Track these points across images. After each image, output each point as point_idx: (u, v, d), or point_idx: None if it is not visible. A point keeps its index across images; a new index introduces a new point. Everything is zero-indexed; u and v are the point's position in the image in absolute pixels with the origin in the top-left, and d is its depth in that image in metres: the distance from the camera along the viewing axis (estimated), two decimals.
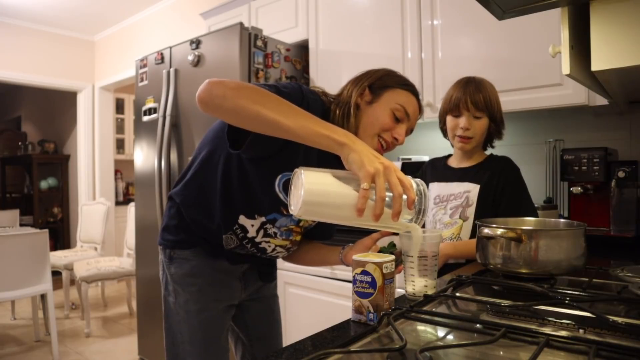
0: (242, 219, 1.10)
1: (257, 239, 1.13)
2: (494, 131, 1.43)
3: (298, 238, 1.19)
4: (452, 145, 1.49)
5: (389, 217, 0.79)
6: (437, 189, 1.49)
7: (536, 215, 1.34)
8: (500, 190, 1.37)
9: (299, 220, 1.14)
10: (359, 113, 1.08)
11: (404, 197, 0.78)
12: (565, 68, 0.92)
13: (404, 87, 1.11)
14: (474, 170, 1.43)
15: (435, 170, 1.54)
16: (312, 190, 0.77)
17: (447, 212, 1.43)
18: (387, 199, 0.77)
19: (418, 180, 0.86)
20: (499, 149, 1.51)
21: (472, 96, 1.37)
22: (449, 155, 1.55)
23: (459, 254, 1.33)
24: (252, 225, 1.11)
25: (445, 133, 1.50)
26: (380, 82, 1.10)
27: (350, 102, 1.07)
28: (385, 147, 1.08)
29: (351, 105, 1.07)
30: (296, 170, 0.81)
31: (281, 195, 1.07)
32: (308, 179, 0.77)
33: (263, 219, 1.10)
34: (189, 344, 1.15)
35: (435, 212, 1.47)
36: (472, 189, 1.40)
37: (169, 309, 1.19)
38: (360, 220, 0.80)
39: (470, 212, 1.39)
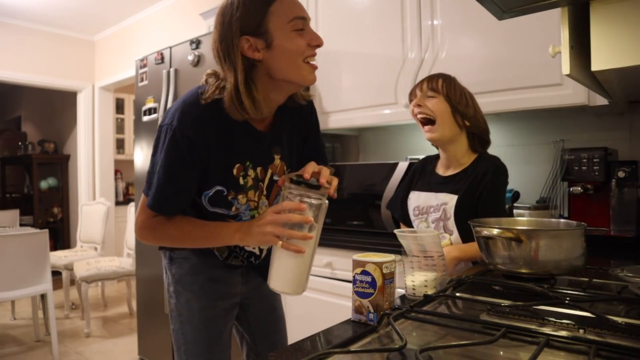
0: None
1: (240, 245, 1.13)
2: (461, 123, 1.34)
3: None
4: (437, 147, 1.44)
5: (311, 226, 0.93)
6: (415, 199, 1.43)
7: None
8: (478, 196, 1.30)
9: (257, 205, 1.13)
10: (262, 68, 0.96)
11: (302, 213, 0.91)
12: (565, 68, 0.91)
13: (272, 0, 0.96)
14: (456, 178, 1.35)
15: (421, 176, 1.49)
16: (285, 285, 0.96)
17: (430, 225, 1.38)
18: (296, 228, 0.92)
19: (288, 188, 0.94)
20: (500, 148, 1.51)
21: (428, 79, 1.39)
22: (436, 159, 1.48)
23: (467, 256, 1.29)
24: None
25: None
26: (251, 19, 0.94)
27: (240, 77, 0.94)
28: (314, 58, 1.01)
29: (248, 77, 0.95)
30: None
31: (211, 209, 1.09)
32: (275, 286, 0.97)
33: None
34: (192, 343, 1.15)
35: (417, 224, 1.42)
36: (449, 201, 1.33)
37: (172, 310, 1.19)
38: (311, 250, 0.95)
39: (452, 224, 1.32)
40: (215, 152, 1.01)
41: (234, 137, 1.03)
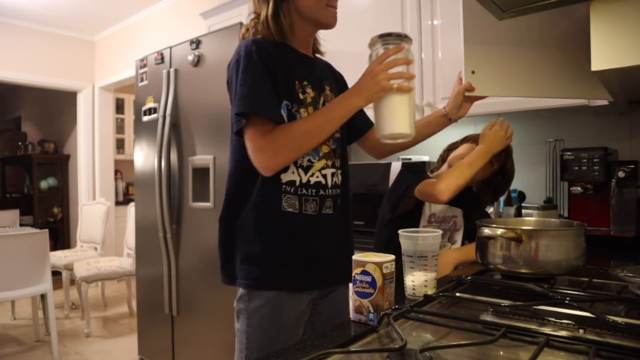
0: (283, 176, 1.11)
1: (304, 179, 1.13)
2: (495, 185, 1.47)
3: (326, 150, 1.17)
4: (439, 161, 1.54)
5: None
6: (433, 207, 1.47)
7: None
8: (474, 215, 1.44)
9: None
10: (292, 4, 1.12)
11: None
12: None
13: None
14: (460, 196, 1.42)
15: None
16: (404, 126, 1.02)
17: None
18: (398, 69, 1.01)
19: (377, 43, 1.05)
20: None
21: None
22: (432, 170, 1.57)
23: (467, 257, 1.34)
24: (293, 172, 1.11)
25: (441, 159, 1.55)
26: None
27: (271, 7, 1.11)
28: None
29: (278, 9, 1.11)
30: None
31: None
32: (395, 130, 1.02)
33: None
34: (255, 350, 1.11)
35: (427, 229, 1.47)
36: (458, 214, 1.44)
37: (240, 311, 1.15)
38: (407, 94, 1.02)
39: (458, 236, 1.44)
40: (278, 67, 1.10)
41: (289, 58, 1.15)
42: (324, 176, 1.16)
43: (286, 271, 1.13)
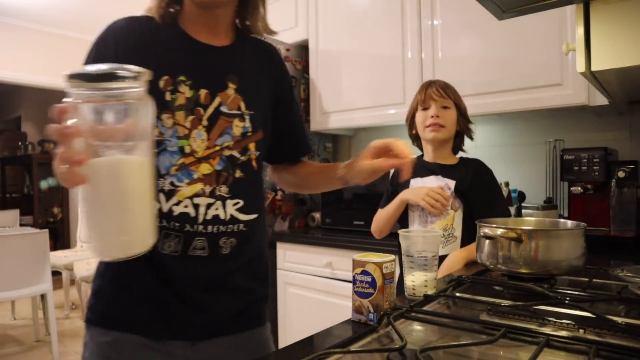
0: None
1: (165, 208, 0.86)
2: (463, 127, 1.45)
3: (207, 171, 0.89)
4: (421, 141, 1.51)
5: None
6: (419, 183, 1.46)
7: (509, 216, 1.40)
8: (473, 191, 1.39)
9: (182, 151, 0.87)
10: None
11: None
12: (580, 66, 0.90)
13: None
14: (448, 169, 1.44)
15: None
16: (91, 242, 0.63)
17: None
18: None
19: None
20: (502, 148, 1.52)
21: (438, 88, 1.42)
22: (421, 155, 1.55)
23: (474, 255, 1.33)
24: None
25: (414, 138, 1.53)
26: None
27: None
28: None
29: None
30: None
31: None
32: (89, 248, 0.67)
33: None
34: None
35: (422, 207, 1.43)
36: (450, 185, 1.42)
37: None
38: (107, 180, 0.60)
39: (458, 202, 1.40)
40: (129, 58, 0.80)
41: (161, 44, 0.92)
42: (196, 206, 0.87)
43: (135, 312, 0.88)
